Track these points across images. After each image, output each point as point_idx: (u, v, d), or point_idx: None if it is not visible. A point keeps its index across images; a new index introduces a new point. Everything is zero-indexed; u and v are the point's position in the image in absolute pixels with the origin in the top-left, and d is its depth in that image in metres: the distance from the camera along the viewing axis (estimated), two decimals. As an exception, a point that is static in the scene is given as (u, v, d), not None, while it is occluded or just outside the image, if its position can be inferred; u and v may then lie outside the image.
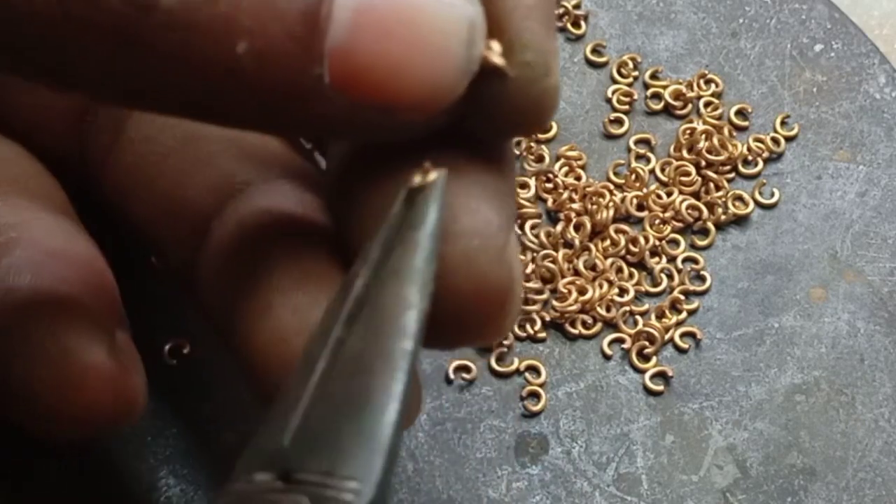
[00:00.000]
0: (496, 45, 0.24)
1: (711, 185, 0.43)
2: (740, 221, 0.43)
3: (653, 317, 0.41)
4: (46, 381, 0.28)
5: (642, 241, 0.42)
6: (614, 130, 0.44)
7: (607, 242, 0.42)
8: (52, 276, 0.29)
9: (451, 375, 0.40)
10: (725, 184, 0.43)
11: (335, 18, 0.22)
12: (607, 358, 0.40)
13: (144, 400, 0.30)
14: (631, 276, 0.42)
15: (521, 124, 0.25)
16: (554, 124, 0.44)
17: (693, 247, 0.42)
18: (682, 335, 0.41)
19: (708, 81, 0.45)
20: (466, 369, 0.40)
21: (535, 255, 0.42)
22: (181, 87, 0.23)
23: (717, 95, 0.45)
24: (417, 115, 0.23)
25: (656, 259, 0.42)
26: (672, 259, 0.42)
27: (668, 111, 0.45)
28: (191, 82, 0.22)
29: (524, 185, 0.43)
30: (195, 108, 0.23)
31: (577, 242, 0.42)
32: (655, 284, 0.42)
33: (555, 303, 0.41)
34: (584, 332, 0.41)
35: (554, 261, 0.41)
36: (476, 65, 0.23)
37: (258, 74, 0.22)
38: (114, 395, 0.28)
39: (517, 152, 0.43)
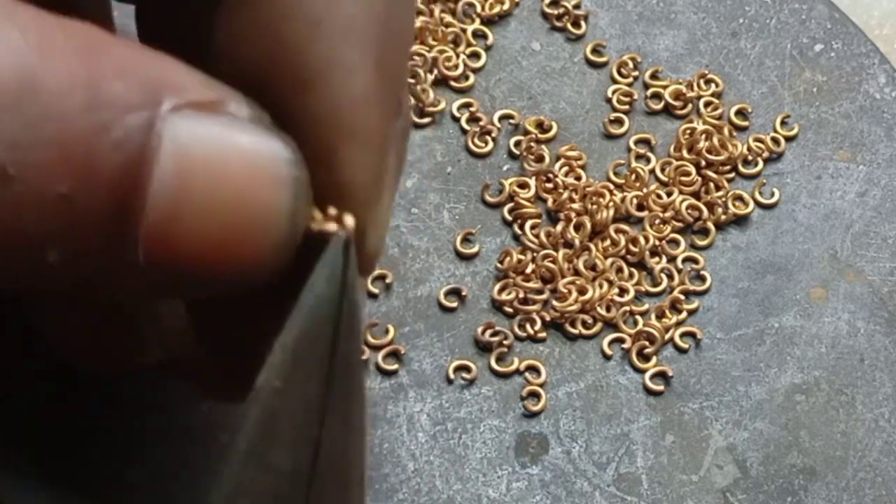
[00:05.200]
0: (318, 214, 0.22)
1: (711, 185, 0.43)
2: (740, 221, 0.43)
3: (653, 317, 0.41)
4: None
5: (642, 241, 0.42)
6: (614, 130, 0.44)
7: (607, 242, 0.42)
8: None
9: (451, 375, 0.40)
10: (725, 184, 0.43)
11: (150, 205, 0.20)
12: (607, 358, 0.40)
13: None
14: (631, 276, 0.42)
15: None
16: (554, 124, 0.44)
17: (693, 247, 0.42)
18: (682, 335, 0.41)
19: (708, 81, 0.45)
20: (466, 369, 0.40)
21: (535, 255, 0.42)
22: None
23: (717, 95, 0.45)
24: (237, 282, 0.22)
25: (656, 259, 0.42)
26: (672, 259, 0.42)
27: (668, 111, 0.45)
28: None
29: (524, 185, 0.43)
30: None
31: (577, 242, 0.42)
32: (655, 284, 0.42)
33: (555, 303, 0.41)
34: (584, 332, 0.41)
35: (554, 261, 0.41)
36: (300, 235, 0.22)
37: (68, 273, 0.21)
38: None
39: (518, 152, 0.43)
